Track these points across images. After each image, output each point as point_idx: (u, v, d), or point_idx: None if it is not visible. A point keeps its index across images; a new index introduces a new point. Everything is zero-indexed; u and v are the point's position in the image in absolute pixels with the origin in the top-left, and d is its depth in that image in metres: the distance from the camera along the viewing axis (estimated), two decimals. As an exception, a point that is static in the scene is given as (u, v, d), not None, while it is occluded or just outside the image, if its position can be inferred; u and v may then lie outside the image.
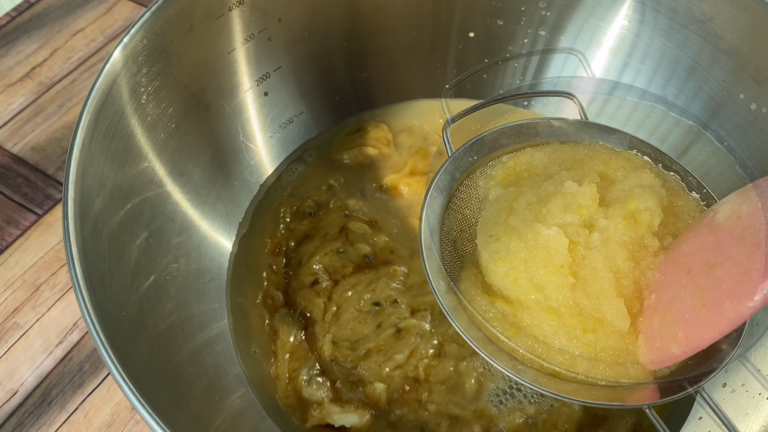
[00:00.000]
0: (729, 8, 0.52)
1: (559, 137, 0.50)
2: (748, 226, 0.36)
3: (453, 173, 0.48)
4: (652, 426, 0.54)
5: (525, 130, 0.50)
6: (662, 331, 0.40)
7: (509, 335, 0.42)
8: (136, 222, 0.50)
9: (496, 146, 0.50)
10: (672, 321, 0.39)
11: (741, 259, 0.36)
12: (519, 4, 0.63)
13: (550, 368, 0.41)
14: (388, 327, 0.57)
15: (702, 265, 0.38)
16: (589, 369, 0.41)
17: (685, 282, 0.39)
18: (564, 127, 0.50)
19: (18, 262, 0.67)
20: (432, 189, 0.47)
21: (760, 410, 0.47)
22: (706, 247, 0.39)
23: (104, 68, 0.46)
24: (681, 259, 0.41)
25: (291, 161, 0.68)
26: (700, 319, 0.37)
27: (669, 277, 0.41)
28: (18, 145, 0.75)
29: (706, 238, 0.40)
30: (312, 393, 0.55)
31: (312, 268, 0.60)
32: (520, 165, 0.49)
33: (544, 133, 0.50)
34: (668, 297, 0.40)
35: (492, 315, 0.43)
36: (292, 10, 0.58)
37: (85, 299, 0.39)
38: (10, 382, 0.61)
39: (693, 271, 0.39)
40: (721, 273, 0.37)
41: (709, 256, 0.38)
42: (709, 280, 0.37)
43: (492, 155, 0.50)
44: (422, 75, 0.70)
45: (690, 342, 0.38)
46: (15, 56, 0.83)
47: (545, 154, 0.49)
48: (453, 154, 0.49)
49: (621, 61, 0.63)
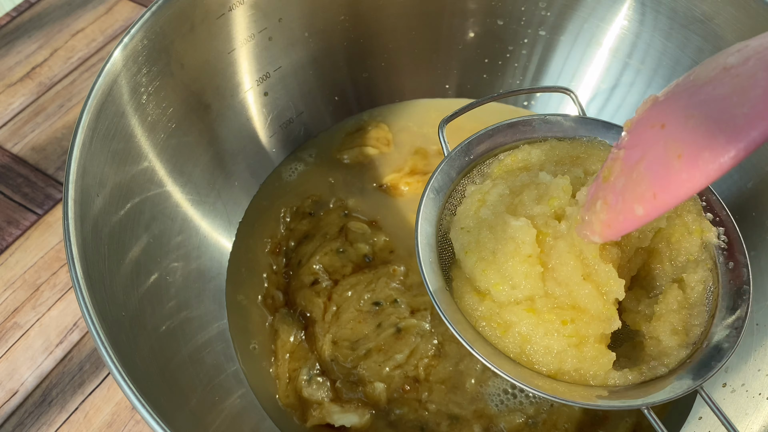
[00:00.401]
0: (729, 8, 0.52)
1: (555, 133, 0.50)
2: (737, 74, 0.32)
3: (449, 173, 0.48)
4: (652, 426, 0.54)
5: (521, 126, 0.50)
6: (627, 190, 0.37)
7: (498, 334, 0.42)
8: (136, 222, 0.50)
9: (493, 144, 0.50)
10: (639, 178, 0.36)
11: (725, 105, 0.32)
12: (519, 4, 0.63)
13: (541, 369, 0.41)
14: (388, 327, 0.57)
15: (679, 116, 0.35)
16: (577, 366, 0.41)
17: (658, 136, 0.36)
18: (561, 122, 0.50)
19: (18, 262, 0.67)
20: (428, 190, 0.47)
21: (760, 410, 0.47)
22: (685, 101, 0.35)
23: (104, 68, 0.46)
24: (656, 114, 0.37)
25: (291, 161, 0.68)
26: (673, 172, 0.34)
27: (640, 136, 0.38)
28: (18, 145, 0.75)
29: (685, 93, 0.36)
30: (312, 393, 0.55)
31: (312, 267, 0.60)
32: (516, 162, 0.49)
33: (541, 129, 0.50)
34: (637, 154, 0.37)
35: (479, 314, 0.43)
36: (292, 10, 0.58)
37: (85, 299, 0.39)
38: (10, 382, 0.61)
39: (668, 124, 0.35)
40: (700, 122, 0.33)
41: (687, 107, 0.34)
42: (686, 131, 0.34)
43: (489, 153, 0.50)
44: (422, 75, 0.71)
45: (659, 199, 0.35)
46: (15, 56, 0.83)
47: (542, 151, 0.49)
48: (449, 154, 0.49)
49: (621, 61, 0.63)
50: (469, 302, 0.43)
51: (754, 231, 0.51)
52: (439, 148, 0.69)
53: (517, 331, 0.41)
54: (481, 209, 0.45)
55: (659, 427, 0.39)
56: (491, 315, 0.42)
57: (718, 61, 0.35)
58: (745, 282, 0.43)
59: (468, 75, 0.70)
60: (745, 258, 0.44)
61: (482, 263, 0.42)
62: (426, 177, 0.67)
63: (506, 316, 0.42)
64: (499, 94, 0.52)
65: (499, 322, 0.42)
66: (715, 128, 0.32)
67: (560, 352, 0.41)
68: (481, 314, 0.43)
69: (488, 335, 0.42)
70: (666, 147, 0.35)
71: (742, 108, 0.31)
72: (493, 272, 0.42)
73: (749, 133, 0.31)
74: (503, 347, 0.42)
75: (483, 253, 0.43)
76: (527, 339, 0.41)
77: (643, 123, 0.38)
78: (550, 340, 0.41)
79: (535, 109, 0.71)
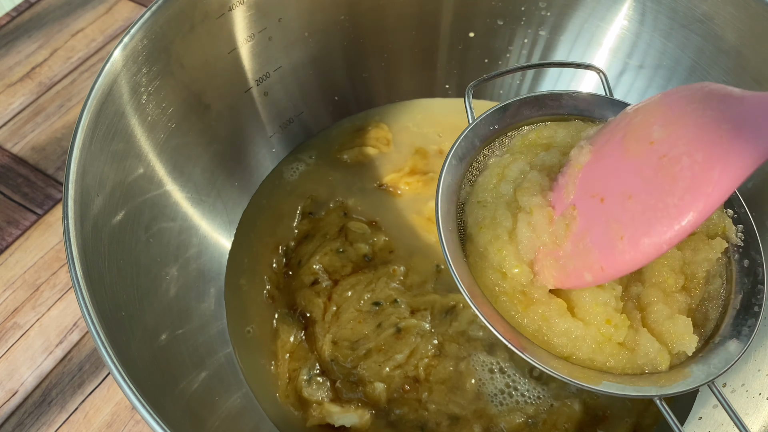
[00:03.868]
0: (729, 8, 0.52)
1: (582, 112, 0.48)
2: (663, 155, 0.35)
3: (473, 140, 0.46)
4: (652, 426, 0.54)
5: (549, 101, 0.48)
6: (576, 257, 0.39)
7: (519, 310, 0.41)
8: (136, 222, 0.50)
9: (518, 116, 0.48)
10: (587, 250, 0.38)
11: (657, 192, 0.35)
12: (519, 4, 0.63)
13: (557, 351, 0.41)
14: (388, 327, 0.57)
15: (617, 194, 0.37)
16: (594, 353, 0.40)
17: (599, 211, 0.38)
18: (589, 100, 0.48)
19: (18, 262, 0.67)
20: (450, 156, 0.45)
21: (760, 410, 0.47)
22: (620, 174, 0.37)
23: (104, 68, 0.46)
24: (594, 183, 0.39)
25: (291, 161, 0.68)
26: (617, 253, 0.37)
27: (583, 202, 0.39)
28: (18, 145, 0.75)
29: (618, 162, 0.38)
30: (312, 393, 0.55)
31: (312, 267, 0.60)
32: (540, 138, 0.47)
33: (568, 106, 0.48)
34: (583, 224, 0.39)
35: (501, 289, 0.42)
36: (292, 10, 0.58)
37: (85, 299, 0.39)
38: (10, 382, 0.61)
39: (607, 200, 0.38)
40: (637, 205, 0.36)
41: (623, 185, 0.37)
42: (625, 213, 0.36)
43: (513, 125, 0.48)
44: (422, 75, 0.71)
45: (606, 272, 0.38)
46: (15, 56, 0.83)
47: (568, 133, 0.47)
48: (474, 121, 0.47)
49: (621, 61, 0.63)
50: (491, 278, 0.42)
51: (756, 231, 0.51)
52: (439, 148, 0.69)
53: (539, 311, 0.41)
54: (501, 184, 0.43)
55: (670, 417, 0.39)
56: (514, 291, 0.41)
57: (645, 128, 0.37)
58: (759, 281, 0.43)
59: (468, 75, 0.70)
60: (760, 257, 0.44)
61: (498, 242, 0.42)
62: (426, 177, 0.67)
63: (533, 294, 0.41)
64: (529, 65, 0.50)
65: (520, 299, 0.41)
66: (651, 216, 0.35)
67: (578, 338, 0.40)
68: (502, 290, 0.42)
69: (506, 309, 0.41)
70: (608, 226, 0.37)
71: (672, 198, 0.34)
72: (509, 253, 0.41)
73: (680, 223, 0.34)
74: (519, 324, 0.41)
75: (498, 231, 0.42)
76: (546, 319, 0.41)
77: (583, 188, 0.40)
78: (570, 324, 0.40)
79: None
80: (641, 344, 0.40)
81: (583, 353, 0.40)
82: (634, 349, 0.40)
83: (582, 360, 0.41)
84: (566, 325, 0.40)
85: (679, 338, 0.40)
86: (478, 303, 0.40)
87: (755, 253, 0.44)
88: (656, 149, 0.35)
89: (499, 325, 0.40)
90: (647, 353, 0.40)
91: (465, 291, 0.40)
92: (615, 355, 0.40)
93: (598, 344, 0.40)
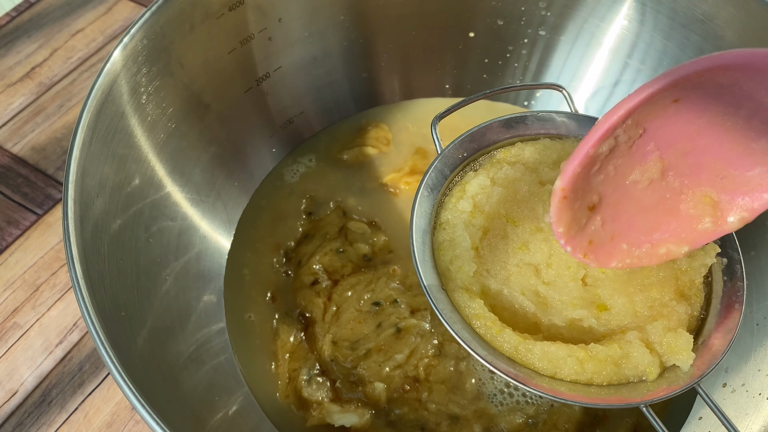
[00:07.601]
0: (729, 8, 0.52)
1: (548, 130, 0.50)
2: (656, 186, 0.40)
3: (443, 170, 0.48)
4: (652, 426, 0.54)
5: (514, 123, 0.50)
6: (604, 247, 0.42)
7: (493, 333, 0.41)
8: (136, 222, 0.50)
9: (486, 141, 0.49)
10: (615, 243, 0.41)
11: (651, 225, 0.40)
12: (519, 4, 0.63)
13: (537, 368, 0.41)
14: (388, 327, 0.57)
15: (645, 204, 0.41)
16: (576, 370, 0.40)
17: (634, 212, 0.41)
18: (553, 118, 0.50)
19: (18, 262, 0.67)
20: (422, 188, 0.46)
21: (760, 410, 0.47)
22: (619, 194, 0.41)
23: (104, 68, 0.46)
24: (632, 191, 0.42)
25: (291, 161, 0.68)
26: (639, 254, 0.41)
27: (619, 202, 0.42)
28: (18, 145, 0.75)
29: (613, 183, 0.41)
30: (312, 393, 0.55)
31: (312, 267, 0.60)
32: (508, 157, 0.49)
33: (534, 126, 0.50)
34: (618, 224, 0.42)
35: (474, 312, 0.42)
36: (292, 10, 0.58)
37: (85, 299, 0.39)
38: (10, 382, 0.61)
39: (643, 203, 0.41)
40: (641, 220, 0.40)
41: (653, 197, 0.40)
42: (632, 230, 0.41)
43: (482, 151, 0.49)
44: (422, 75, 0.71)
45: (626, 265, 0.42)
46: (15, 56, 0.83)
47: (535, 149, 0.48)
48: (442, 151, 0.48)
49: (621, 61, 0.63)
50: (459, 300, 0.43)
51: (754, 231, 0.51)
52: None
53: (509, 332, 0.41)
54: (460, 202, 0.44)
55: (658, 425, 0.39)
56: (483, 313, 0.42)
57: None
58: (738, 278, 0.44)
59: (468, 75, 0.70)
60: (738, 254, 0.45)
61: (458, 261, 0.42)
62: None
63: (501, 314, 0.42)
64: (492, 91, 0.51)
65: (493, 321, 0.42)
66: (681, 226, 0.41)
67: (559, 358, 0.40)
68: (472, 312, 0.42)
69: (483, 334, 0.42)
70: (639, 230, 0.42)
71: (662, 233, 0.40)
72: (470, 269, 0.42)
73: None
74: (498, 346, 0.41)
75: (457, 251, 0.42)
76: (522, 340, 0.41)
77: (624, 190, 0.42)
78: (549, 346, 0.41)
79: (535, 108, 0.71)
80: (632, 357, 0.40)
81: (565, 373, 0.40)
82: (619, 364, 0.41)
83: (565, 377, 0.41)
84: (542, 347, 0.41)
85: (676, 353, 0.40)
86: (456, 330, 0.41)
87: (732, 251, 0.45)
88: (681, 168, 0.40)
89: (479, 349, 0.41)
90: (636, 366, 0.40)
91: (443, 317, 0.41)
92: (598, 372, 0.40)
93: (580, 362, 0.40)
